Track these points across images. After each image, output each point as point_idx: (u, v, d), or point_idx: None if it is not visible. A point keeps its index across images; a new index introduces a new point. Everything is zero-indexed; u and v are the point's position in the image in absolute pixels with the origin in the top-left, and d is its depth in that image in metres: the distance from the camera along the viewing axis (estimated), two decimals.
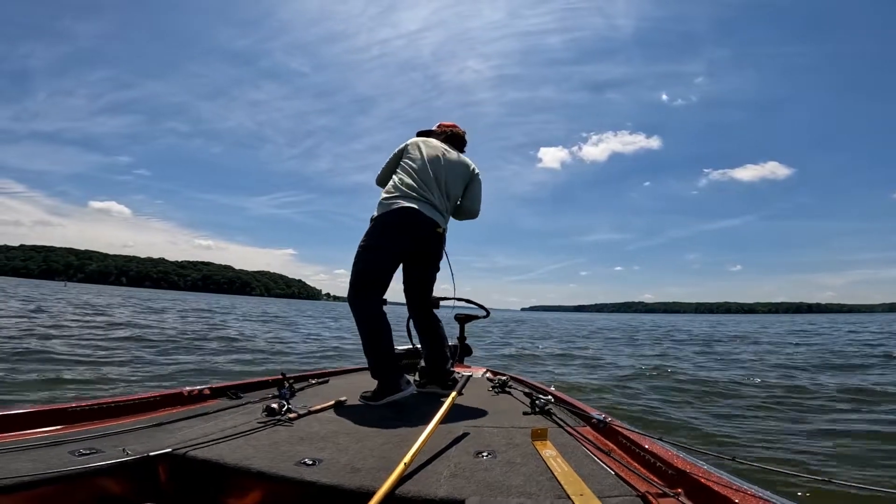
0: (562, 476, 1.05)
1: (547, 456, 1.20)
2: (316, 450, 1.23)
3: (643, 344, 13.80)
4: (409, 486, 1.00)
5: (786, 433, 3.47)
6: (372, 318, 1.97)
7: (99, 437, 1.23)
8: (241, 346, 8.66)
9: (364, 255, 2.04)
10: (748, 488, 0.88)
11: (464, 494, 0.96)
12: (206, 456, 1.14)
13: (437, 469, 1.11)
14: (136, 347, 7.23)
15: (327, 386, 2.31)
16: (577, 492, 0.96)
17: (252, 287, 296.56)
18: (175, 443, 1.21)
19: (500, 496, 0.96)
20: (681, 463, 1.03)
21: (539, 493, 0.97)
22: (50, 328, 8.83)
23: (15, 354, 5.54)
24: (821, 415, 4.11)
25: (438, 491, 0.98)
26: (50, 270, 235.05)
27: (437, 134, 2.38)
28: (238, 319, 17.65)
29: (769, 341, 14.85)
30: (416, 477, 1.05)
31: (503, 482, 1.03)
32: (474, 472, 1.09)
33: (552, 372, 7.18)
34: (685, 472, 0.99)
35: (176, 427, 1.40)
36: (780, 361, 8.54)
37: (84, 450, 1.11)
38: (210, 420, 1.51)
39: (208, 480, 1.12)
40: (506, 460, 1.19)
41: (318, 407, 1.72)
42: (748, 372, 7.02)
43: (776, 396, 4.91)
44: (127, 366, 5.57)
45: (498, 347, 11.39)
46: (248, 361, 6.75)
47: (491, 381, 2.47)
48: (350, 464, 1.13)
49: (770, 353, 10.35)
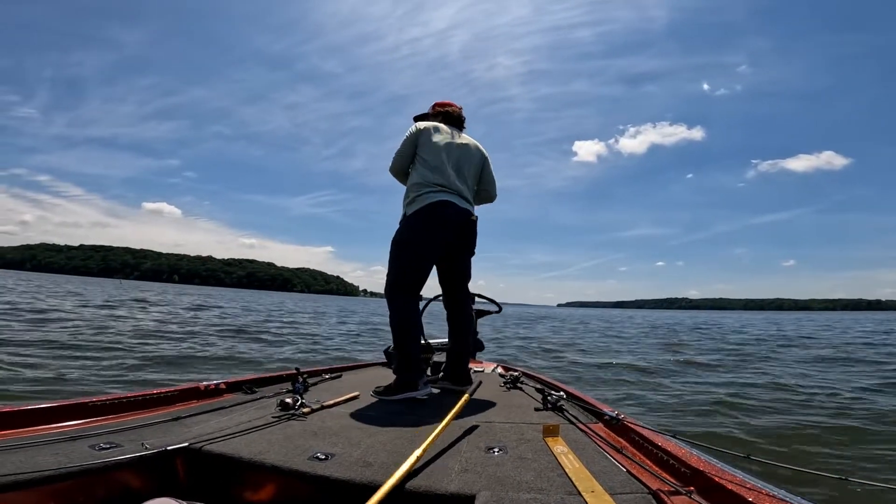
0: (573, 472, 1.05)
1: (558, 452, 1.20)
2: (329, 444, 1.25)
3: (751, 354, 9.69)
4: (420, 481, 1.00)
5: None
6: (408, 317, 1.99)
7: (118, 432, 1.26)
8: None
9: (403, 252, 2.03)
10: (762, 487, 0.87)
11: (474, 489, 0.96)
12: (221, 450, 1.16)
13: (448, 464, 1.12)
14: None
15: (340, 381, 2.33)
16: (588, 488, 0.96)
17: (293, 284, 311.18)
18: (192, 437, 1.23)
19: (511, 491, 0.96)
20: (694, 461, 1.02)
21: (550, 488, 0.98)
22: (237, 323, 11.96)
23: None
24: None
25: (449, 486, 0.98)
26: (108, 269, 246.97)
27: (433, 116, 2.31)
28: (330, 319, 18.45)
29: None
30: (427, 471, 1.06)
31: (514, 477, 1.03)
32: (485, 467, 1.10)
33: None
34: (698, 470, 0.98)
35: (193, 421, 1.43)
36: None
37: (104, 444, 1.14)
38: (226, 415, 1.53)
39: (224, 474, 1.14)
40: (517, 456, 1.19)
41: (331, 402, 1.74)
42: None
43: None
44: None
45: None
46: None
47: (503, 376, 2.47)
48: (362, 458, 1.15)
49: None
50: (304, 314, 21.13)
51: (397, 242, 2.05)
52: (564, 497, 0.94)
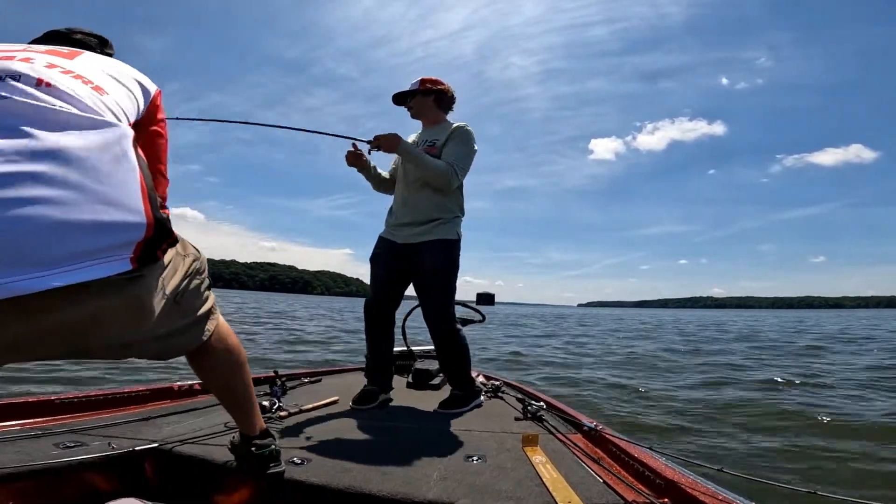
0: (551, 482, 1.06)
1: (537, 462, 1.21)
2: (306, 449, 1.23)
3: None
4: (399, 488, 0.99)
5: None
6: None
7: (84, 430, 1.22)
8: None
9: (455, 278, 1.96)
10: (734, 499, 0.89)
11: (453, 497, 0.96)
12: (193, 452, 1.13)
13: (427, 472, 1.11)
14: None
15: (320, 385, 2.30)
16: (565, 498, 0.97)
17: (314, 286, 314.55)
18: (162, 438, 1.20)
19: (490, 500, 0.96)
20: (669, 472, 1.03)
21: (528, 498, 0.98)
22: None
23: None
24: None
25: (428, 493, 0.98)
26: None
27: (440, 97, 2.02)
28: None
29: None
30: (406, 478, 1.05)
31: (493, 486, 1.03)
32: (464, 475, 1.09)
33: None
34: (673, 482, 0.99)
35: (164, 422, 1.39)
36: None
37: (69, 442, 1.10)
38: (199, 416, 1.50)
39: (196, 477, 1.11)
40: (496, 465, 1.19)
41: (309, 406, 1.72)
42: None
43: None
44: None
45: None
46: None
47: (484, 385, 2.47)
48: (340, 463, 1.13)
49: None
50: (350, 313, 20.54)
51: (456, 266, 1.93)
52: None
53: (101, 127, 0.62)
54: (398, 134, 1.83)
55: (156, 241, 0.63)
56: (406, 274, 1.95)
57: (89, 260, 0.55)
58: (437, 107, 2.02)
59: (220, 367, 0.98)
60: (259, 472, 1.02)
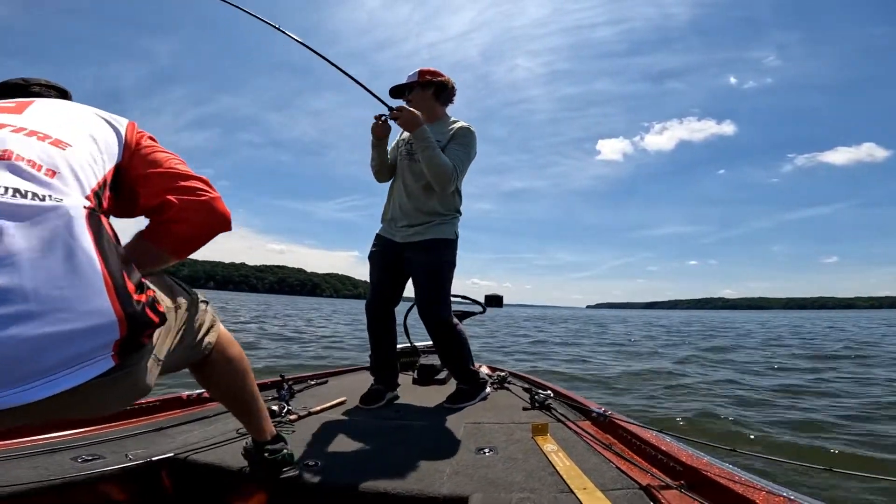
0: (564, 471, 1.06)
1: (548, 451, 1.21)
2: (317, 451, 1.23)
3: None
4: (413, 485, 1.00)
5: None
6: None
7: (100, 443, 1.22)
8: None
9: (452, 276, 1.97)
10: (749, 478, 0.88)
11: (466, 492, 0.96)
12: (208, 460, 1.13)
13: (439, 467, 1.11)
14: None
15: (326, 387, 2.30)
16: (579, 486, 0.96)
17: (322, 289, 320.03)
18: (177, 447, 1.20)
19: (503, 492, 0.96)
20: (683, 456, 1.03)
21: (542, 488, 0.98)
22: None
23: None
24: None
25: (441, 489, 0.98)
26: None
27: (441, 90, 1.97)
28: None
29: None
30: (418, 475, 1.05)
31: (505, 478, 1.03)
32: (476, 468, 1.09)
33: None
34: (686, 464, 0.99)
35: (177, 431, 1.39)
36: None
37: (86, 455, 1.11)
38: (210, 424, 1.50)
39: (211, 484, 1.12)
40: (507, 456, 1.19)
41: (318, 408, 1.72)
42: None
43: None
44: None
45: None
46: None
47: (489, 376, 2.47)
48: (352, 464, 1.13)
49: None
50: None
51: (453, 264, 1.94)
52: (557, 496, 0.94)
53: (45, 213, 0.56)
54: (421, 117, 1.75)
55: (133, 336, 0.58)
56: (404, 271, 1.94)
57: (68, 368, 0.53)
58: (437, 99, 1.96)
59: (223, 377, 0.97)
60: (274, 476, 1.03)
